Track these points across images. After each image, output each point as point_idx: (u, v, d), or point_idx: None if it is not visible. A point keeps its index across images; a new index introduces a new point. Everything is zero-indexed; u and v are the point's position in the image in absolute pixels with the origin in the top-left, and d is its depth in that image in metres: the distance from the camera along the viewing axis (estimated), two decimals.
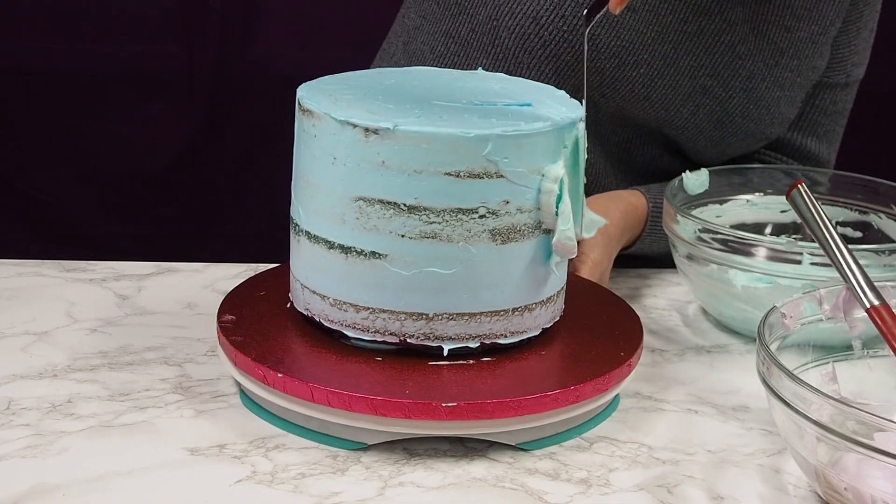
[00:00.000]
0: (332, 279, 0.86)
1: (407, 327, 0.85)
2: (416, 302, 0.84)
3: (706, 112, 1.18)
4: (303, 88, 0.88)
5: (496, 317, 0.86)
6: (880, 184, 1.14)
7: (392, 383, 0.83)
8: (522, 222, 0.84)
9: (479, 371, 0.85)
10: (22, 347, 0.96)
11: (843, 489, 0.76)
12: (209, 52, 2.08)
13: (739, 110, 1.19)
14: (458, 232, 0.83)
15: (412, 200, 0.82)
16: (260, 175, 2.13)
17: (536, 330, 0.89)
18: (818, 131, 1.28)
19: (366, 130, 0.82)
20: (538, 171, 0.84)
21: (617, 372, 0.87)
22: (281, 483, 0.79)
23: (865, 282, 0.86)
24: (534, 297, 0.87)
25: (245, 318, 0.90)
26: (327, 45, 2.07)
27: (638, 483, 0.82)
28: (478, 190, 0.82)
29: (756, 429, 0.90)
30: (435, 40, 1.21)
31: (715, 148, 1.22)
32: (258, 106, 2.10)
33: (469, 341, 0.86)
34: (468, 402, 0.81)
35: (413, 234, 0.83)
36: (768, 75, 1.19)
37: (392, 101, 0.86)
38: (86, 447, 0.82)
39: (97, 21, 2.06)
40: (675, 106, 1.17)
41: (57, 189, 2.12)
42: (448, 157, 0.81)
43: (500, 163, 0.82)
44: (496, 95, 0.90)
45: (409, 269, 0.83)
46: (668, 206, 1.07)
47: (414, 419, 0.80)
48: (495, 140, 0.81)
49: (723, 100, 1.18)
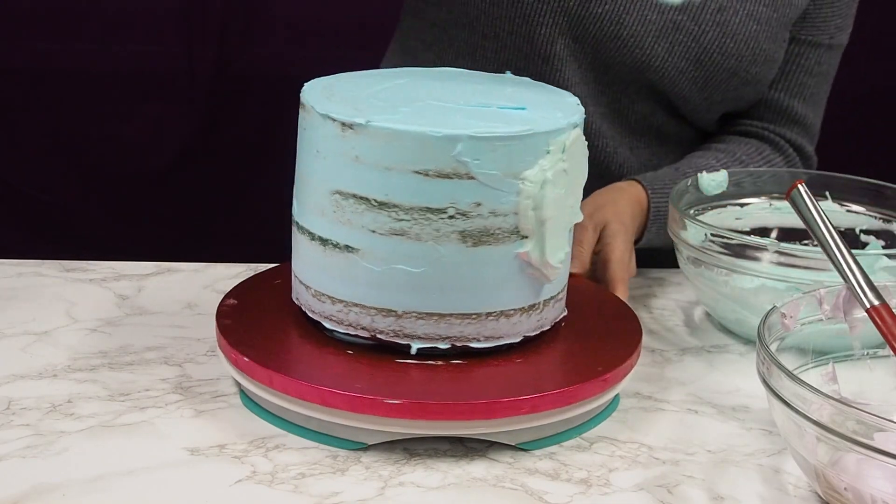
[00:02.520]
0: (314, 270, 0.87)
1: (377, 323, 0.85)
2: (386, 298, 0.85)
3: (682, 50, 1.16)
4: (310, 83, 0.90)
5: (467, 320, 0.85)
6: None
7: (349, 377, 0.83)
8: (496, 226, 0.83)
9: (443, 372, 0.85)
10: (22, 347, 0.96)
11: (843, 489, 0.76)
12: (209, 52, 2.08)
13: (717, 46, 1.17)
14: (427, 231, 0.83)
15: (383, 196, 0.82)
16: (260, 175, 2.12)
17: (516, 337, 0.87)
18: (804, 93, 1.26)
19: (342, 125, 0.83)
20: (515, 175, 0.83)
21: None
22: (281, 483, 0.79)
23: (865, 282, 0.86)
24: (511, 303, 0.86)
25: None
26: (327, 45, 2.07)
27: (638, 483, 0.82)
28: (447, 190, 0.82)
29: (756, 429, 0.90)
30: (424, 32, 1.23)
31: (701, 93, 1.20)
32: (258, 106, 2.10)
33: (439, 342, 0.85)
34: (413, 400, 0.80)
35: (383, 231, 0.83)
36: (740, 8, 1.17)
37: (388, 99, 0.87)
38: (86, 447, 0.82)
39: (97, 21, 2.06)
40: (648, 43, 1.16)
41: (57, 189, 2.12)
42: (417, 156, 0.81)
43: (470, 164, 0.81)
44: (498, 98, 0.89)
45: (379, 265, 0.84)
46: (674, 209, 1.06)
47: (359, 413, 0.80)
48: (465, 141, 0.81)
49: (696, 35, 1.16)
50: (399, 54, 1.30)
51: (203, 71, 2.09)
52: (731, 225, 1.13)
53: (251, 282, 0.98)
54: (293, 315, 0.91)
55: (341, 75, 0.93)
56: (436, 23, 1.22)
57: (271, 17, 2.10)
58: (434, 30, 1.23)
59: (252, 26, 2.10)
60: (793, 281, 0.99)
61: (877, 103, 1.61)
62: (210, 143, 2.13)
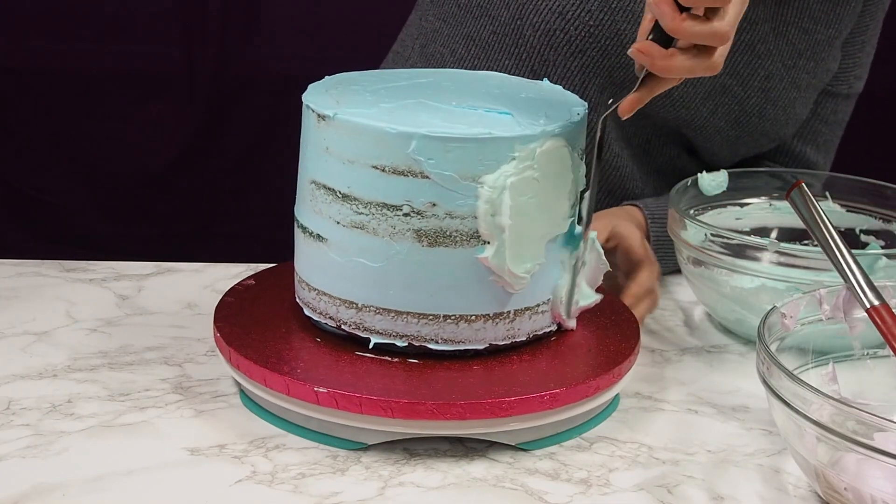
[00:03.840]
0: (300, 258, 0.90)
1: (341, 314, 0.87)
2: (348, 290, 0.86)
3: (724, 111, 1.19)
4: (335, 76, 0.92)
5: (424, 320, 0.85)
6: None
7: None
8: (454, 228, 0.83)
9: (400, 370, 0.85)
10: (22, 347, 0.96)
11: (843, 489, 0.76)
12: (209, 52, 2.08)
13: (757, 110, 1.20)
14: (384, 227, 0.83)
15: (346, 189, 0.84)
16: (260, 175, 2.12)
17: (480, 343, 0.86)
18: (818, 140, 1.29)
19: (318, 116, 0.85)
20: (473, 178, 0.82)
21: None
22: (281, 483, 0.79)
23: (865, 282, 0.86)
24: (473, 308, 0.85)
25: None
26: (327, 45, 2.07)
27: (638, 483, 0.82)
28: (402, 187, 0.82)
29: (756, 429, 0.90)
30: (455, 43, 1.21)
31: (730, 148, 1.23)
32: (258, 106, 2.10)
33: (396, 339, 0.86)
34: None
35: (346, 223, 0.84)
36: (786, 76, 1.19)
37: (383, 96, 0.88)
38: (86, 447, 0.82)
39: (97, 21, 2.06)
40: (695, 104, 1.18)
41: (57, 189, 2.12)
42: (375, 151, 0.82)
43: (424, 163, 0.81)
44: (493, 101, 0.89)
45: (342, 256, 0.85)
46: (674, 210, 1.06)
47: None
48: (419, 139, 0.81)
49: (741, 99, 1.19)
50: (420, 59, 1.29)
51: (203, 71, 2.09)
52: (731, 225, 1.13)
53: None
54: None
55: (354, 73, 0.94)
56: (471, 36, 1.21)
57: (271, 17, 2.10)
58: (468, 42, 1.22)
59: (252, 26, 2.10)
60: (793, 281, 0.99)
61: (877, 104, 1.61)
62: (210, 143, 2.13)
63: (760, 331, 0.82)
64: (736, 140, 1.22)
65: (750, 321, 1.01)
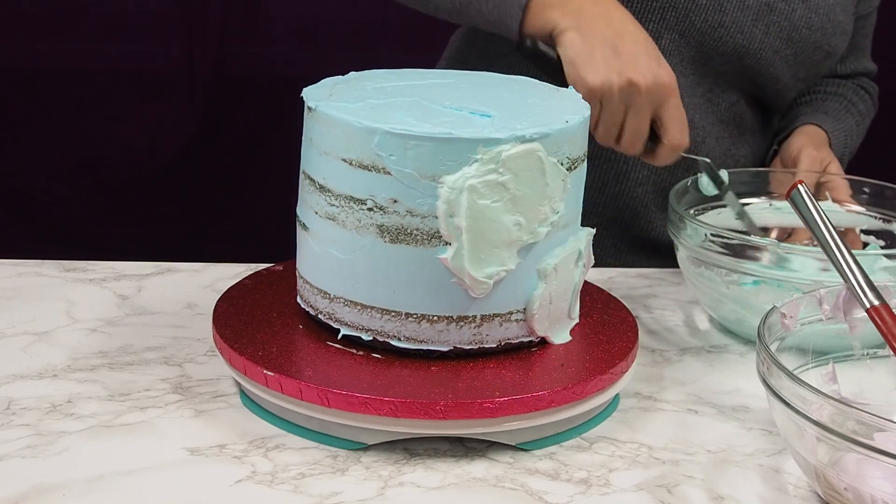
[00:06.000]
0: (297, 248, 0.92)
1: (317, 302, 0.88)
2: (322, 280, 0.88)
3: (776, 29, 1.25)
4: (355, 73, 0.94)
5: (387, 315, 0.85)
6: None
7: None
8: (414, 226, 0.83)
9: (362, 363, 0.85)
10: (22, 347, 0.96)
11: (843, 489, 0.76)
12: (209, 52, 2.08)
13: (804, 21, 1.25)
14: (351, 220, 0.84)
15: (321, 180, 0.86)
16: (260, 175, 2.12)
17: (443, 345, 0.86)
18: (867, 53, 1.43)
19: (308, 108, 0.87)
20: (433, 177, 0.82)
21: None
22: (281, 483, 0.79)
23: (865, 282, 0.86)
24: (434, 309, 0.85)
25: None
26: (327, 46, 2.07)
27: (638, 483, 0.82)
28: (366, 181, 0.83)
29: (756, 429, 0.90)
30: None
31: (790, 70, 1.28)
32: (258, 106, 2.10)
33: (363, 332, 0.86)
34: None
35: (322, 213, 0.86)
36: None
37: (382, 93, 0.89)
38: (86, 447, 0.82)
39: (97, 21, 2.06)
40: (748, 27, 1.23)
41: (57, 189, 2.12)
42: (344, 143, 0.83)
43: (385, 159, 0.82)
44: (482, 103, 0.88)
45: (319, 245, 0.87)
46: (674, 210, 1.06)
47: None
48: (381, 135, 0.82)
49: (787, 14, 1.25)
50: None
51: (203, 71, 2.09)
52: (731, 225, 1.13)
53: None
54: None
55: (375, 71, 0.95)
56: None
57: (271, 17, 2.10)
58: None
59: (252, 26, 2.10)
60: (793, 281, 0.99)
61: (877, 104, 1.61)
62: (210, 143, 2.13)
63: (760, 331, 0.82)
64: (794, 60, 1.27)
65: (750, 321, 1.01)
